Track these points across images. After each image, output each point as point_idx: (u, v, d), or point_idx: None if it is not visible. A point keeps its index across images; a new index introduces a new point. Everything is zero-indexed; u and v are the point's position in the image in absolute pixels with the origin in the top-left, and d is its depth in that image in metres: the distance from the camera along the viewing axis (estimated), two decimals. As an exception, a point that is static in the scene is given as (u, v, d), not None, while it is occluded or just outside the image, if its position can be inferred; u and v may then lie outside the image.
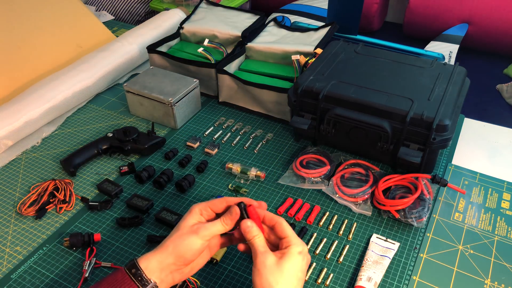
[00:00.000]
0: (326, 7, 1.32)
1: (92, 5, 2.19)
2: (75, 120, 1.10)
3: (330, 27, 1.15)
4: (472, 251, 0.77)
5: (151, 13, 2.27)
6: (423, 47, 2.40)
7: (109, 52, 1.21)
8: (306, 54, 1.08)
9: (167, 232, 0.65)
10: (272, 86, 1.02)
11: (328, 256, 0.75)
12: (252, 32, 1.18)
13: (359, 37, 1.28)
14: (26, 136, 1.03)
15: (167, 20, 1.37)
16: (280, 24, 1.23)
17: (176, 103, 1.01)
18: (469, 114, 1.09)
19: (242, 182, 0.91)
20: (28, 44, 1.21)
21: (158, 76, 1.08)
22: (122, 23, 1.59)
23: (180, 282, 0.67)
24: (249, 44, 1.16)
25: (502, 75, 2.55)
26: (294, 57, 1.05)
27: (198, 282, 0.71)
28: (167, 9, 1.49)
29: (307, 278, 0.72)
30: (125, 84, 1.06)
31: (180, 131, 1.05)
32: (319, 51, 1.05)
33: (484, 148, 0.99)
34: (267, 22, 1.26)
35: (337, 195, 0.85)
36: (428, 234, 0.79)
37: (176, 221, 0.80)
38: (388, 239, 0.78)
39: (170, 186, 0.90)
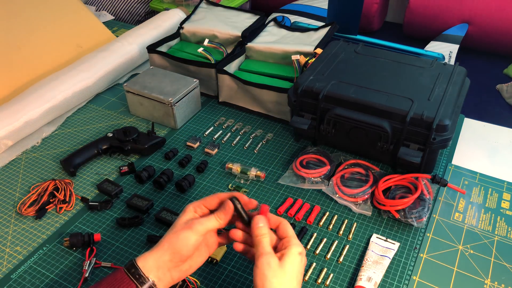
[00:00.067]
0: (326, 7, 1.32)
1: (92, 5, 2.19)
2: (75, 120, 1.10)
3: (330, 27, 1.15)
4: (472, 251, 0.77)
5: (151, 13, 2.27)
6: (423, 47, 2.40)
7: (109, 52, 1.21)
8: (306, 54, 1.08)
9: (167, 232, 0.65)
10: (272, 86, 1.02)
11: (328, 256, 0.75)
12: (252, 32, 1.18)
13: (359, 37, 1.28)
14: (26, 136, 1.03)
15: (167, 20, 1.37)
16: (280, 24, 1.23)
17: (176, 103, 1.01)
18: (469, 114, 1.09)
19: (242, 182, 0.91)
20: (28, 44, 1.21)
21: (158, 76, 1.08)
22: (122, 23, 1.59)
23: (180, 282, 0.67)
24: (249, 44, 1.16)
25: (502, 75, 2.55)
26: (294, 57, 1.05)
27: (198, 282, 0.71)
28: (167, 9, 1.49)
29: (307, 278, 0.72)
30: (125, 84, 1.06)
31: (180, 131, 1.05)
32: (319, 51, 1.05)
33: (484, 148, 0.99)
34: (267, 22, 1.26)
35: (337, 195, 0.85)
36: (428, 234, 0.79)
37: (176, 221, 0.80)
38: (388, 239, 0.78)
39: (170, 186, 0.90)
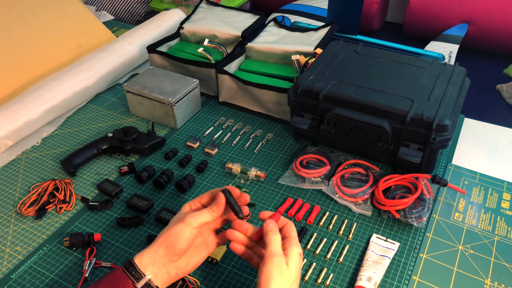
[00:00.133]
0: (326, 7, 1.32)
1: (92, 5, 2.19)
2: (75, 120, 1.10)
3: (330, 27, 1.15)
4: (472, 251, 0.77)
5: (151, 13, 2.27)
6: (423, 47, 2.40)
7: (109, 52, 1.21)
8: (306, 54, 1.08)
9: (167, 232, 0.65)
10: (272, 86, 1.02)
11: (328, 256, 0.75)
12: (252, 32, 1.18)
13: (359, 37, 1.28)
14: (26, 136, 1.03)
15: (167, 20, 1.37)
16: (280, 24, 1.23)
17: (176, 103, 1.01)
18: (469, 114, 1.09)
19: (242, 182, 0.91)
20: (28, 44, 1.21)
21: (158, 76, 1.08)
22: (122, 23, 1.59)
23: (180, 282, 0.67)
24: (249, 44, 1.16)
25: (502, 75, 2.55)
26: (294, 57, 1.05)
27: (198, 282, 0.71)
28: (167, 9, 1.49)
29: (306, 278, 0.72)
30: (125, 84, 1.06)
31: (180, 131, 1.05)
32: (319, 51, 1.05)
33: (484, 148, 0.99)
34: (267, 22, 1.26)
35: (337, 195, 0.85)
36: (428, 234, 0.79)
37: (176, 221, 0.80)
38: (388, 239, 0.78)
39: (170, 186, 0.90)
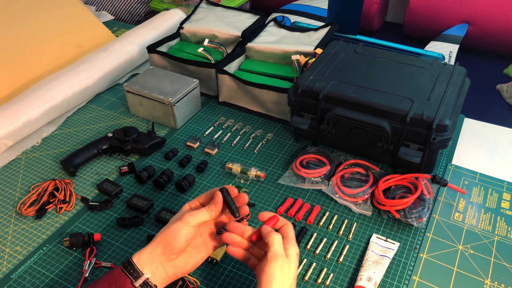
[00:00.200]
0: (326, 7, 1.32)
1: (92, 5, 2.19)
2: (75, 120, 1.10)
3: (330, 27, 1.15)
4: (472, 251, 0.77)
5: (151, 13, 2.27)
6: (423, 47, 2.40)
7: (109, 52, 1.21)
8: (306, 54, 1.08)
9: (167, 232, 0.65)
10: (272, 86, 1.02)
11: (328, 256, 0.75)
12: (252, 32, 1.18)
13: (359, 37, 1.28)
14: (26, 136, 1.03)
15: (167, 20, 1.37)
16: (280, 24, 1.23)
17: (176, 103, 1.01)
18: (469, 114, 1.09)
19: (242, 182, 0.91)
20: (28, 44, 1.21)
21: (158, 76, 1.08)
22: (122, 23, 1.59)
23: (180, 282, 0.67)
24: (249, 44, 1.16)
25: (502, 75, 2.55)
26: (294, 57, 1.05)
27: (198, 282, 0.71)
28: (167, 9, 1.49)
29: (307, 278, 0.72)
30: (125, 84, 1.06)
31: (180, 131, 1.05)
32: (319, 51, 1.05)
33: (484, 148, 0.99)
34: (267, 22, 1.26)
35: (337, 195, 0.85)
36: (428, 234, 0.79)
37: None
38: (388, 239, 0.78)
39: (170, 186, 0.90)
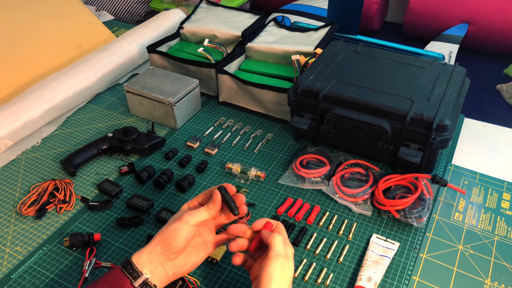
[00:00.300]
0: (326, 7, 1.32)
1: (92, 5, 2.19)
2: (75, 120, 1.10)
3: (330, 27, 1.15)
4: (472, 251, 0.77)
5: (151, 13, 2.27)
6: (423, 47, 2.40)
7: (109, 52, 1.21)
8: (306, 54, 1.08)
9: (167, 232, 0.65)
10: (272, 86, 1.02)
11: (328, 256, 0.75)
12: (252, 32, 1.18)
13: (359, 37, 1.28)
14: (26, 136, 1.03)
15: (167, 20, 1.37)
16: (280, 24, 1.23)
17: (176, 103, 1.01)
18: (469, 114, 1.09)
19: (242, 182, 0.91)
20: (28, 44, 1.21)
21: (158, 76, 1.08)
22: (122, 23, 1.59)
23: (180, 282, 0.67)
24: (249, 44, 1.16)
25: (502, 75, 2.55)
26: (294, 57, 1.05)
27: (198, 282, 0.71)
28: (167, 9, 1.49)
29: (307, 278, 0.72)
30: (125, 84, 1.06)
31: (180, 131, 1.05)
32: (319, 51, 1.05)
33: (484, 148, 0.99)
34: (267, 22, 1.26)
35: (337, 195, 0.85)
36: (428, 234, 0.79)
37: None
38: (388, 239, 0.78)
39: (170, 186, 0.90)
